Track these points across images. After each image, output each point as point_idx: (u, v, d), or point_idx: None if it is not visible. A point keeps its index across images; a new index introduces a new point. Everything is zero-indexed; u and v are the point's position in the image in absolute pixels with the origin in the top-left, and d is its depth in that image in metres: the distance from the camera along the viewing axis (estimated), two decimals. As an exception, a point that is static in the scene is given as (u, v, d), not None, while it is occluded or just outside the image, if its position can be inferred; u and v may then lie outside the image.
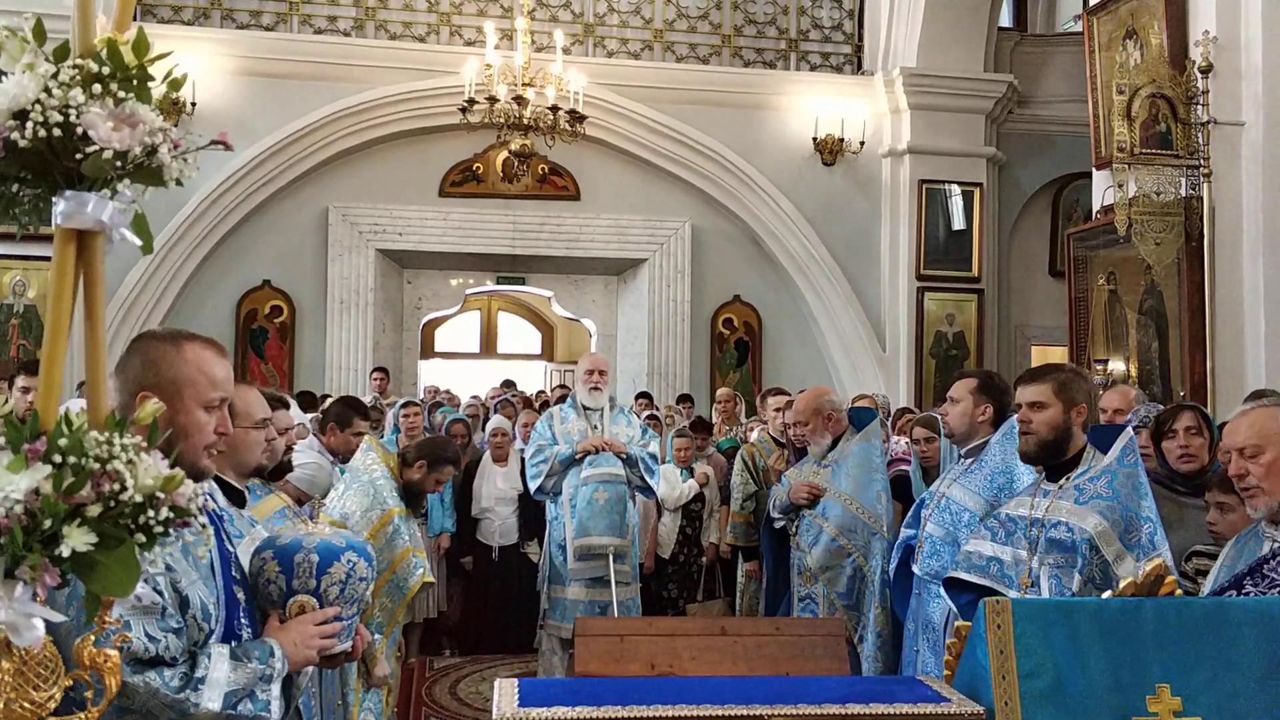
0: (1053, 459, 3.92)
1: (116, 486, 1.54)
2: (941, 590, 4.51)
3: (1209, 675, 2.55)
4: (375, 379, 11.39)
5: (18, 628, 1.54)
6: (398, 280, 13.35)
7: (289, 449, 4.00)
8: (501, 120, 9.90)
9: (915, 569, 4.78)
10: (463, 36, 12.42)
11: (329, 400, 7.71)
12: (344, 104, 11.87)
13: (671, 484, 8.33)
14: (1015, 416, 4.68)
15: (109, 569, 1.54)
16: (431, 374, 15.55)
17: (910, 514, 5.09)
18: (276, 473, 4.04)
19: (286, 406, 4.19)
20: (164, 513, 1.59)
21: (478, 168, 12.51)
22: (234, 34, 11.85)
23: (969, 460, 4.76)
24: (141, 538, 1.57)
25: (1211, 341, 7.64)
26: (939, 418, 6.36)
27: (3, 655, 1.60)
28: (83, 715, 1.74)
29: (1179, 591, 2.75)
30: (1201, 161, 7.63)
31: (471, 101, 9.76)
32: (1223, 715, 2.52)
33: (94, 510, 1.52)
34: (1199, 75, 7.65)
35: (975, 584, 3.91)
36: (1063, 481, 3.85)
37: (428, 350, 16.15)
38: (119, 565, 1.55)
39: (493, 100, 9.80)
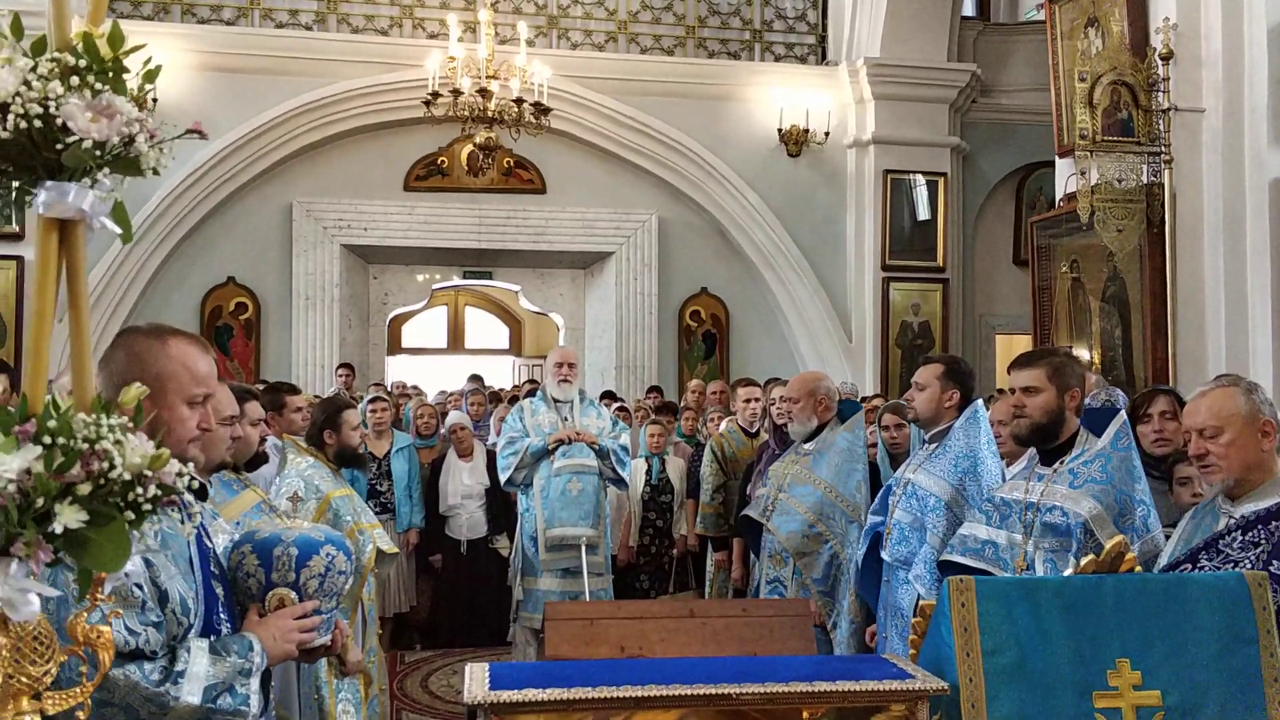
0: (1046, 443, 3.94)
1: (106, 465, 1.58)
2: (910, 576, 4.56)
3: (1168, 650, 2.59)
4: (340, 375, 11.36)
5: (14, 604, 1.58)
6: (363, 276, 13.31)
7: (262, 440, 4.00)
8: (466, 113, 9.88)
9: (884, 555, 4.81)
10: (425, 29, 12.39)
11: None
12: (307, 98, 11.80)
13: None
14: (993, 401, 4.74)
15: (100, 545, 1.58)
16: (398, 370, 15.51)
17: (877, 501, 5.12)
18: (252, 464, 4.05)
19: (256, 399, 4.19)
20: (152, 490, 1.63)
21: (442, 161, 12.48)
22: (195, 29, 11.77)
23: (933, 445, 4.80)
24: (130, 515, 1.61)
25: (1173, 327, 7.71)
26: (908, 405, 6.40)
27: (0, 631, 1.64)
28: (78, 690, 1.78)
29: (1139, 568, 2.79)
30: (1163, 148, 7.69)
31: (435, 95, 9.73)
32: (1181, 688, 2.57)
33: (84, 489, 1.56)
34: (1160, 62, 7.71)
35: (970, 567, 3.93)
36: (1057, 465, 3.88)
37: (394, 346, 16.12)
38: (110, 542, 1.59)
39: (457, 93, 9.77)
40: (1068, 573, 2.82)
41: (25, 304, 10.68)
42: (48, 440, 1.56)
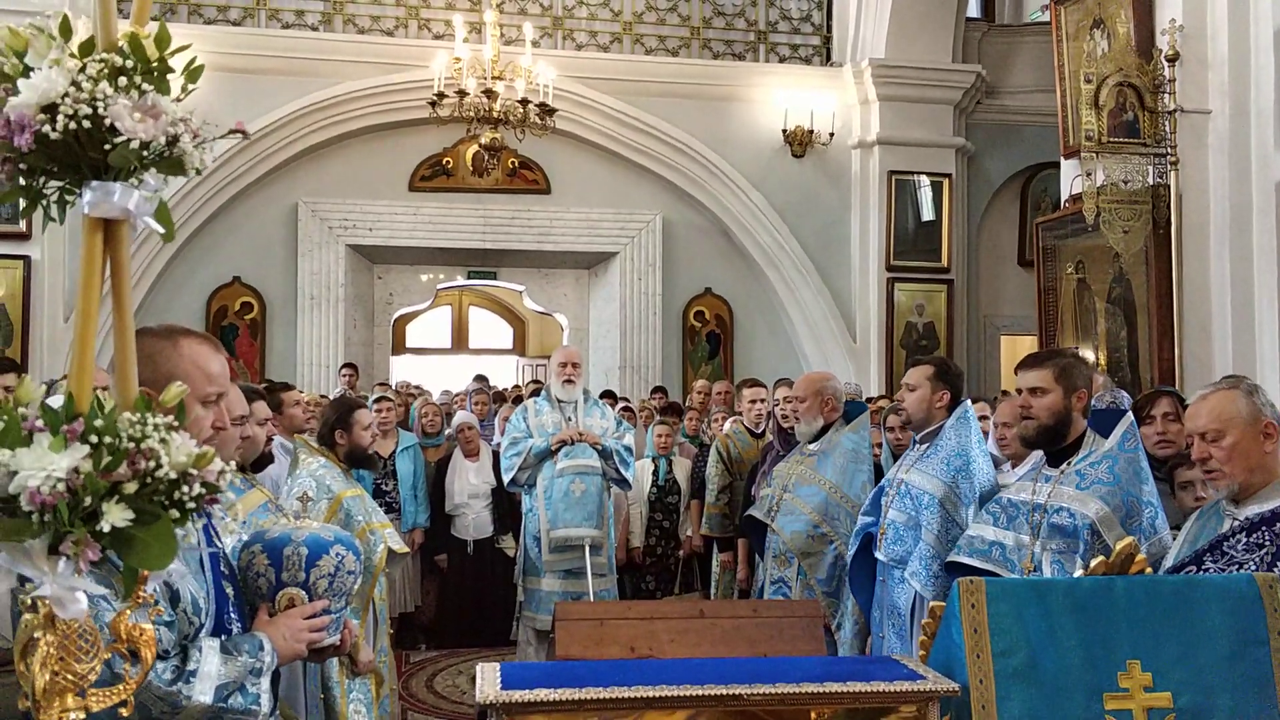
0: (1053, 444, 3.95)
1: (152, 464, 1.60)
2: (906, 574, 4.59)
3: (1178, 651, 2.59)
4: (344, 375, 11.36)
5: (62, 601, 1.60)
6: (368, 276, 13.31)
7: (269, 440, 4.00)
8: (471, 114, 9.88)
9: (879, 555, 4.85)
10: (431, 30, 12.38)
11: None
12: (312, 99, 11.81)
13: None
14: (998, 403, 4.77)
15: (146, 544, 1.60)
16: (403, 370, 15.52)
17: (868, 502, 5.15)
18: (258, 464, 4.05)
19: (263, 399, 4.20)
20: (196, 489, 1.65)
21: (447, 162, 12.48)
22: (201, 29, 11.74)
23: (924, 445, 4.85)
24: (175, 513, 1.63)
25: (1179, 329, 7.71)
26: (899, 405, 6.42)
27: (47, 629, 1.65)
28: (121, 687, 1.79)
29: (1149, 570, 2.79)
30: (1168, 150, 7.69)
31: (441, 95, 9.74)
32: (1192, 690, 2.57)
33: (131, 487, 1.58)
34: (1166, 64, 7.71)
35: (978, 568, 3.94)
36: (1064, 467, 3.89)
37: (399, 346, 16.13)
38: (156, 540, 1.61)
39: (462, 94, 9.78)
40: (1077, 574, 2.82)
41: (32, 303, 10.71)
42: (94, 440, 1.58)
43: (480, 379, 12.27)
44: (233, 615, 2.50)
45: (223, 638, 2.39)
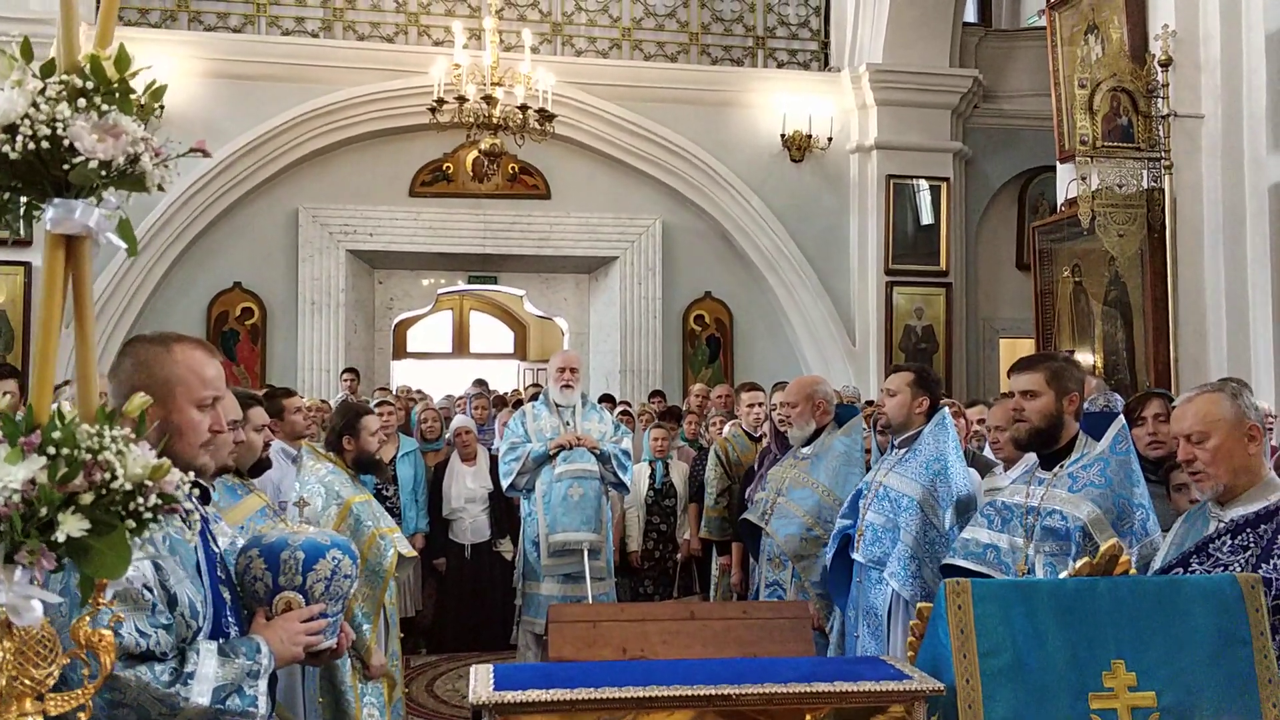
0: (1045, 447, 3.96)
1: (107, 476, 1.62)
2: (884, 575, 4.65)
3: (1163, 651, 2.61)
4: (345, 380, 11.39)
5: (18, 609, 1.63)
6: (369, 281, 13.35)
7: (266, 445, 4.03)
8: (471, 120, 9.92)
9: (856, 556, 4.91)
10: (431, 37, 12.43)
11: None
12: (313, 105, 11.86)
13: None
14: (949, 407, 4.86)
15: (102, 553, 1.63)
16: (404, 374, 15.55)
17: (846, 505, 5.21)
18: (256, 469, 4.08)
19: (260, 404, 4.23)
20: (153, 499, 1.67)
21: (448, 167, 12.52)
22: (201, 36, 11.82)
23: (902, 450, 4.93)
24: (131, 523, 1.66)
25: (1175, 331, 7.75)
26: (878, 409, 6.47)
27: (3, 636, 1.68)
28: (80, 691, 1.82)
29: (1133, 571, 2.82)
30: (1162, 154, 7.73)
31: (440, 101, 9.78)
32: (1176, 689, 2.59)
33: (87, 498, 1.60)
34: (1159, 69, 7.75)
35: (972, 570, 3.96)
36: (1056, 469, 3.91)
37: (400, 351, 16.15)
38: (111, 549, 1.63)
39: (462, 100, 9.82)
40: (1063, 575, 2.86)
41: (33, 309, 10.74)
42: (52, 451, 1.60)
43: (479, 383, 12.29)
44: (230, 619, 2.52)
45: (220, 640, 2.41)
